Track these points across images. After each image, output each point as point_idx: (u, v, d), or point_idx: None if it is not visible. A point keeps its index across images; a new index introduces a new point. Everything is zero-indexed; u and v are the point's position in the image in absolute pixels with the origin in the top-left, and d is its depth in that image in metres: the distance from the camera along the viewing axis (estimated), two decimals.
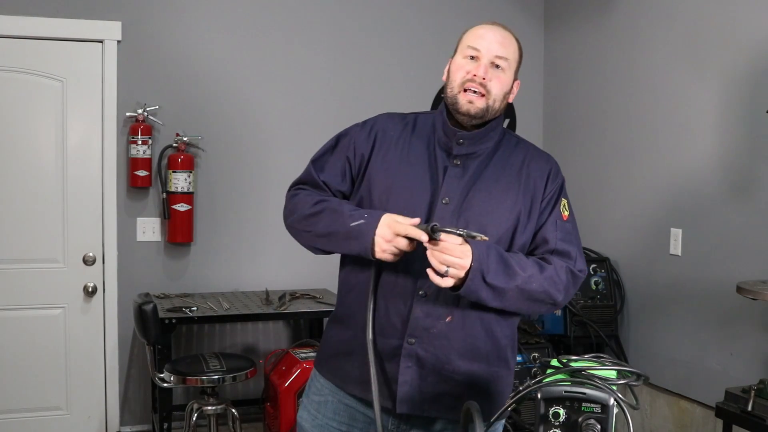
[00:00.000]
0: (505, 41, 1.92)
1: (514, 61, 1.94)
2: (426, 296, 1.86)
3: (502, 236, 1.89)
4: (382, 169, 1.94)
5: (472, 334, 1.89)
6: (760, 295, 2.95)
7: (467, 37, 1.94)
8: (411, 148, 1.95)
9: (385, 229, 1.79)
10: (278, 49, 4.49)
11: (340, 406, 1.97)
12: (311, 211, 1.92)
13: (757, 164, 3.41)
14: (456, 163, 1.92)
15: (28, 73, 4.06)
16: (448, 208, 1.88)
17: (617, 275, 4.28)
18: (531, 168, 1.96)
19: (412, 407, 1.90)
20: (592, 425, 1.34)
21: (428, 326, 1.87)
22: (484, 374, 1.92)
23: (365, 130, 2.01)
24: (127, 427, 4.36)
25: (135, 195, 4.29)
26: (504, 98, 1.93)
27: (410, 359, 1.87)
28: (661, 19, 3.97)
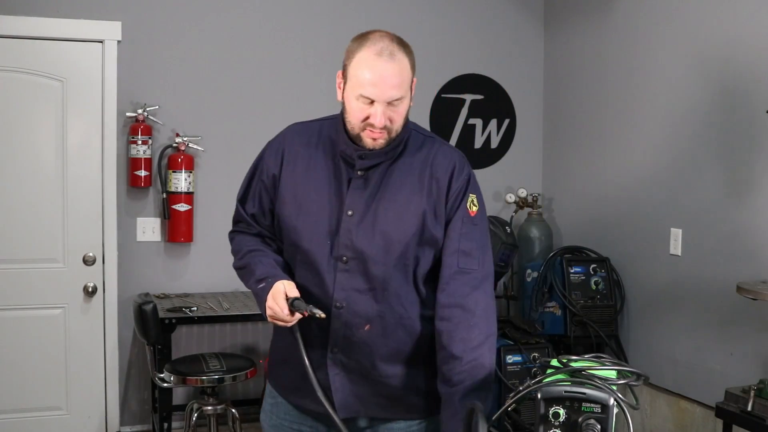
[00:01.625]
0: (398, 77, 1.82)
1: (409, 81, 1.86)
2: (342, 308, 1.89)
3: (409, 241, 1.89)
4: (290, 185, 1.97)
5: (395, 339, 1.92)
6: (760, 295, 2.95)
7: (359, 75, 1.82)
8: (316, 163, 1.96)
9: (270, 297, 1.86)
10: (278, 49, 4.49)
11: (289, 406, 2.04)
12: (237, 265, 2.05)
13: (756, 164, 3.41)
14: (359, 174, 1.91)
15: (28, 73, 4.06)
16: (353, 220, 1.89)
17: (617, 275, 4.28)
18: (434, 167, 1.93)
19: (350, 411, 1.94)
20: (592, 425, 1.34)
21: (348, 335, 1.90)
22: (413, 374, 1.95)
23: (273, 148, 2.05)
24: (127, 427, 4.36)
25: (135, 195, 4.29)
26: (405, 120, 1.90)
27: (336, 366, 1.93)
28: (661, 19, 3.97)
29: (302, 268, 1.94)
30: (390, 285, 1.89)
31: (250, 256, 2.00)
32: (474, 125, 4.91)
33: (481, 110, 4.92)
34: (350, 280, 1.89)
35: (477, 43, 4.88)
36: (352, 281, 1.89)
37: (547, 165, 5.00)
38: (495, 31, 4.91)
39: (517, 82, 4.96)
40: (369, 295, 1.89)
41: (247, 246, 2.03)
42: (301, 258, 1.94)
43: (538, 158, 5.03)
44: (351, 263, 1.88)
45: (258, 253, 2.00)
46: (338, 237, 1.89)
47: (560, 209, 4.86)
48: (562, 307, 4.20)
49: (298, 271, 1.94)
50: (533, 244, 4.62)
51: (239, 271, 2.05)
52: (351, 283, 1.89)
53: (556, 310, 4.24)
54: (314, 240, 1.91)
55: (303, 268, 1.93)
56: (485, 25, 4.89)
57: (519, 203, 4.76)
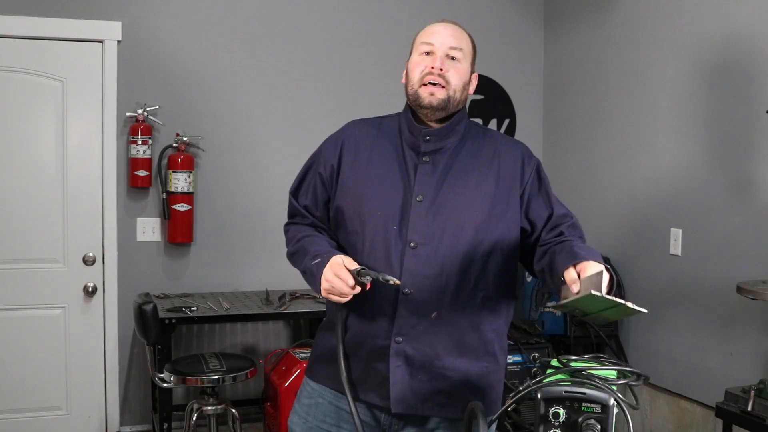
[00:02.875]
0: (457, 34, 1.98)
1: (468, 53, 2.00)
2: (410, 294, 1.88)
3: (480, 226, 1.90)
4: (352, 175, 1.97)
5: (459, 329, 1.91)
6: (760, 295, 2.95)
7: (421, 36, 2.00)
8: (379, 151, 1.98)
9: (327, 270, 1.84)
10: (278, 49, 4.49)
11: (330, 408, 2.00)
12: (291, 251, 2.05)
13: (757, 164, 3.41)
14: (425, 160, 1.94)
15: (28, 73, 4.06)
16: (422, 206, 1.90)
17: (617, 275, 4.28)
18: (502, 156, 1.98)
19: (407, 406, 1.91)
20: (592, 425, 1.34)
21: (414, 324, 1.88)
22: (473, 369, 1.93)
23: (332, 141, 2.06)
24: (127, 427, 4.36)
25: (135, 195, 4.29)
26: (464, 89, 1.97)
27: (399, 358, 1.89)
28: (661, 19, 3.97)
29: (366, 256, 1.91)
30: (458, 272, 1.88)
31: (303, 240, 2.00)
32: None
33: (481, 110, 4.92)
34: (419, 266, 1.87)
35: (477, 43, 4.85)
36: (420, 267, 1.87)
37: (547, 165, 4.97)
38: (495, 31, 4.91)
39: (517, 82, 4.96)
40: (437, 282, 1.88)
41: (301, 233, 2.04)
42: (366, 245, 1.92)
43: (538, 158, 5.02)
44: (420, 248, 1.87)
45: (311, 237, 2.01)
46: (407, 222, 1.89)
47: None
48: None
49: (362, 260, 1.90)
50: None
51: (292, 257, 2.04)
52: (420, 268, 1.87)
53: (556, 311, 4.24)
54: (380, 226, 1.90)
55: (367, 256, 1.91)
56: (485, 25, 4.89)
57: None
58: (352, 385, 1.90)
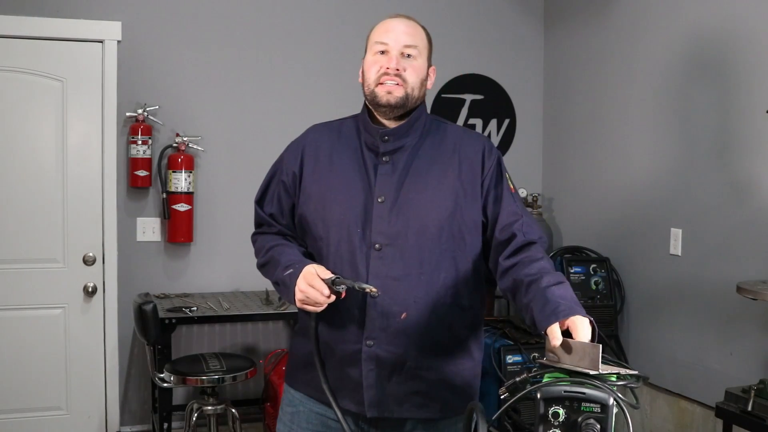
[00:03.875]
0: (412, 30, 1.96)
1: (424, 48, 1.97)
2: (378, 296, 1.86)
3: (444, 223, 1.88)
4: (314, 180, 1.97)
5: (430, 328, 1.89)
6: (760, 295, 2.95)
7: (374, 34, 1.98)
8: (339, 155, 1.97)
9: (301, 279, 1.83)
10: (278, 49, 4.49)
11: (311, 414, 1.99)
12: (261, 262, 2.04)
13: (757, 164, 3.41)
14: (385, 160, 1.92)
15: (28, 73, 4.06)
16: (384, 207, 1.89)
17: (617, 275, 4.28)
18: (463, 150, 1.96)
19: (381, 410, 1.90)
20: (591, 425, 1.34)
21: (384, 326, 1.87)
22: (449, 367, 1.92)
23: (292, 148, 2.07)
24: (127, 427, 4.36)
25: (135, 195, 4.29)
26: (422, 85, 1.96)
27: (371, 362, 1.88)
28: (661, 19, 3.97)
29: (332, 261, 1.90)
30: (425, 270, 1.87)
31: (273, 250, 1.99)
32: (474, 125, 4.91)
33: (481, 110, 4.92)
34: (385, 267, 1.86)
35: (477, 43, 4.88)
36: (386, 268, 1.86)
37: (547, 165, 5.00)
38: (495, 31, 4.91)
39: (517, 82, 4.96)
40: (404, 282, 1.87)
41: (269, 243, 2.03)
42: (331, 250, 1.91)
43: (538, 158, 5.03)
44: (385, 250, 1.86)
45: (281, 246, 2.00)
46: (370, 224, 1.88)
47: (560, 209, 4.86)
48: None
49: (327, 265, 1.90)
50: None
51: (263, 268, 2.03)
52: (386, 270, 1.86)
53: None
54: (344, 230, 1.90)
55: (333, 261, 1.90)
56: (485, 25, 4.89)
57: None
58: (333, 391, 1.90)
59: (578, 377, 1.43)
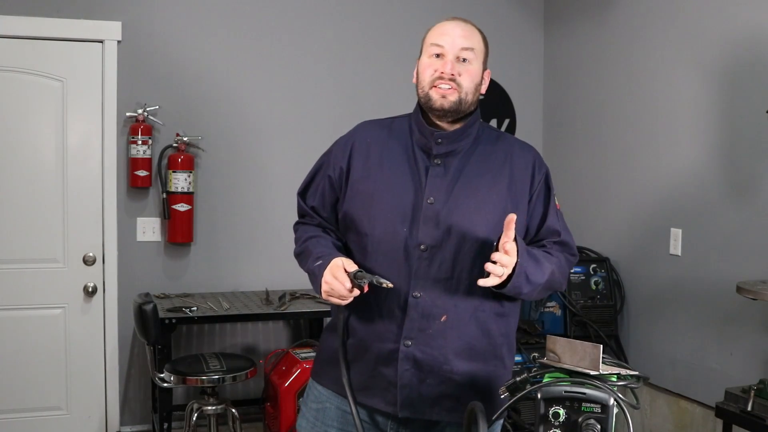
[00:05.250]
0: (468, 33, 1.95)
1: (480, 52, 1.97)
2: (420, 297, 1.86)
3: (491, 230, 1.88)
4: (363, 177, 1.96)
5: (468, 332, 1.90)
6: (760, 295, 2.95)
7: (431, 36, 1.97)
8: (390, 153, 1.97)
9: (327, 272, 1.84)
10: (278, 49, 4.49)
11: (338, 412, 1.98)
12: (297, 251, 2.05)
13: (757, 164, 3.41)
14: (437, 163, 1.92)
15: (28, 73, 4.05)
16: (433, 208, 1.89)
17: (617, 275, 4.28)
18: (514, 161, 1.97)
19: (414, 410, 1.90)
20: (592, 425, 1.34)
21: (424, 327, 1.87)
22: (482, 373, 1.93)
23: (342, 143, 2.05)
24: (127, 427, 4.36)
25: (135, 195, 4.29)
26: (476, 90, 1.96)
27: (408, 362, 1.88)
28: (661, 19, 3.97)
29: (375, 259, 1.90)
30: (468, 275, 1.87)
31: (309, 242, 2.00)
32: None
33: (481, 110, 4.90)
34: (429, 269, 1.86)
35: None
36: (430, 270, 1.87)
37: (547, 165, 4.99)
38: (495, 31, 4.90)
39: (517, 82, 4.96)
40: (447, 285, 1.87)
41: (307, 233, 2.04)
42: (374, 248, 1.91)
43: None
44: (430, 251, 1.86)
45: (317, 238, 2.01)
46: (417, 225, 1.88)
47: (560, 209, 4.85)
48: (562, 307, 4.20)
49: (370, 262, 1.90)
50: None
51: (298, 257, 2.04)
52: (429, 271, 1.87)
53: (556, 310, 4.24)
54: (390, 228, 1.89)
55: (376, 259, 1.90)
56: (485, 25, 4.82)
57: None
58: (352, 387, 1.90)
59: (578, 377, 1.43)
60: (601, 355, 1.48)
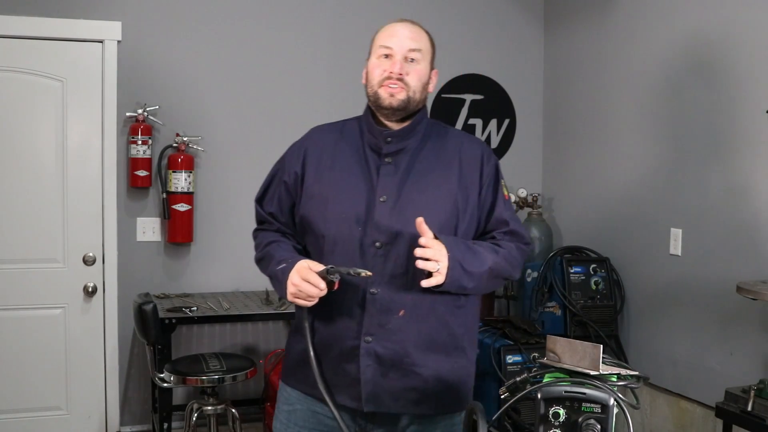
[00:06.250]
0: (416, 35, 2.01)
1: (427, 52, 2.03)
2: (377, 293, 1.91)
3: (444, 225, 1.94)
4: (317, 180, 2.01)
5: (427, 325, 1.95)
6: (760, 295, 2.95)
7: (379, 38, 2.03)
8: (342, 155, 2.02)
9: (294, 274, 1.88)
10: (278, 49, 4.49)
11: (308, 413, 2.03)
12: (258, 257, 2.10)
13: (757, 164, 3.41)
14: (387, 161, 1.98)
15: (28, 73, 4.06)
16: (386, 206, 1.93)
17: (617, 275, 4.28)
18: (463, 155, 2.02)
19: (378, 405, 1.94)
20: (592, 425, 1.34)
21: (383, 322, 1.92)
22: (444, 365, 1.97)
23: (295, 148, 2.11)
24: (127, 427, 4.36)
25: (135, 195, 4.29)
26: (423, 89, 2.02)
27: (369, 357, 1.92)
28: (660, 19, 3.97)
29: (332, 259, 1.94)
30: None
31: (269, 246, 2.05)
32: (474, 125, 4.91)
33: (481, 110, 4.92)
34: (384, 265, 1.91)
35: (477, 43, 4.88)
36: (386, 266, 1.91)
37: (547, 165, 5.00)
38: (495, 31, 4.91)
39: (517, 82, 4.96)
40: (403, 280, 1.92)
41: (267, 239, 2.09)
42: (331, 248, 1.95)
43: (538, 158, 5.03)
44: (385, 248, 1.91)
45: (277, 243, 2.06)
46: (371, 223, 1.92)
47: (560, 209, 4.86)
48: (562, 307, 4.20)
49: (327, 263, 1.93)
50: (533, 244, 4.62)
51: (260, 263, 2.09)
52: (385, 268, 1.91)
53: (556, 310, 4.24)
54: (345, 228, 1.94)
55: (333, 259, 1.93)
56: (485, 25, 4.89)
57: (519, 203, 4.76)
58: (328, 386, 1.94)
59: (578, 377, 1.43)
60: (601, 355, 1.48)
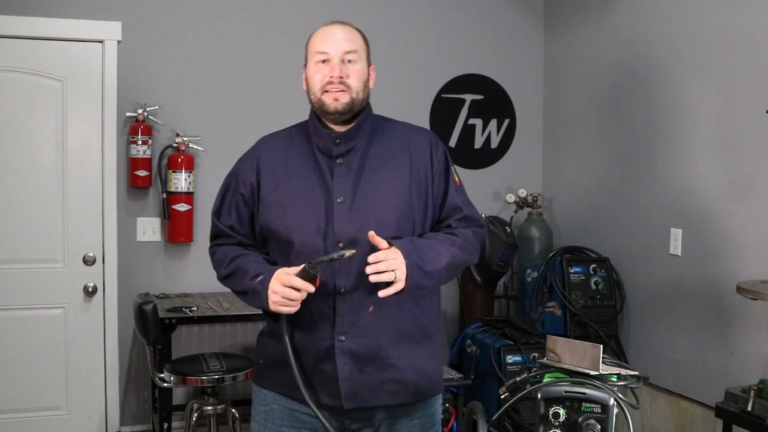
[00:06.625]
0: (349, 36, 2.04)
1: (363, 50, 2.05)
2: (345, 292, 1.94)
3: (401, 219, 1.98)
4: (272, 188, 2.03)
5: (396, 318, 1.98)
6: (760, 295, 2.95)
7: (314, 44, 2.05)
8: (294, 161, 2.04)
9: (274, 283, 1.89)
10: (278, 49, 4.49)
11: (285, 411, 2.05)
12: (225, 273, 2.08)
13: (757, 164, 3.41)
14: (339, 163, 2.00)
15: (28, 73, 4.06)
16: (344, 206, 1.96)
17: (617, 275, 4.28)
18: (411, 146, 2.06)
19: (358, 400, 1.97)
20: (592, 425, 1.34)
21: (354, 320, 1.95)
22: (416, 353, 2.02)
23: (247, 159, 2.13)
24: (127, 427, 4.36)
25: (135, 195, 4.29)
26: (365, 87, 2.04)
27: (345, 355, 1.95)
28: (661, 19, 3.97)
29: (299, 263, 1.94)
30: None
31: (237, 260, 2.05)
32: (474, 125, 4.91)
33: (481, 110, 4.92)
34: (350, 264, 1.93)
35: (477, 43, 4.88)
36: (351, 265, 1.93)
37: (547, 165, 5.00)
38: (495, 31, 4.91)
39: (517, 82, 4.96)
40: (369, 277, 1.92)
41: (231, 254, 2.08)
42: (296, 254, 1.97)
43: (538, 158, 5.03)
44: (349, 247, 1.92)
45: (245, 256, 2.06)
46: (332, 224, 1.95)
47: (560, 209, 4.86)
48: (562, 307, 4.20)
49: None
50: (533, 244, 4.62)
51: (227, 279, 2.09)
52: (351, 266, 1.93)
53: (556, 310, 4.24)
54: (307, 233, 1.96)
55: (299, 262, 1.94)
56: (485, 25, 4.89)
57: (519, 203, 4.76)
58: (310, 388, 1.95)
59: (578, 377, 1.43)
60: (601, 355, 1.48)
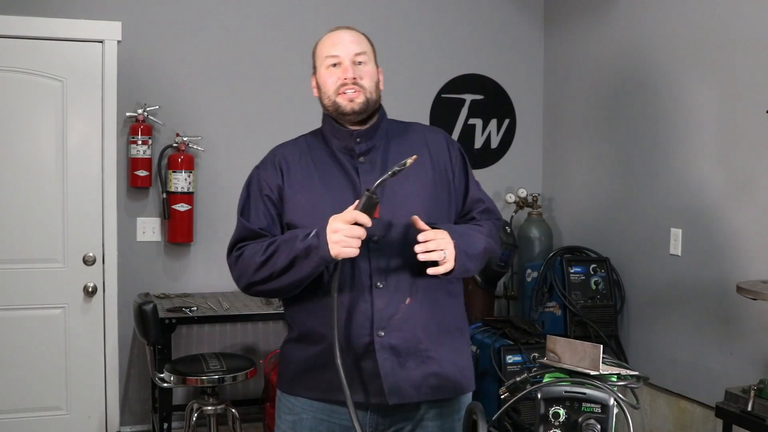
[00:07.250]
0: (357, 39, 2.07)
1: (371, 53, 2.09)
2: (382, 287, 1.94)
3: (429, 211, 1.99)
4: (297, 190, 2.02)
5: (430, 310, 1.99)
6: (760, 295, 2.95)
7: (323, 49, 2.10)
8: (316, 164, 2.04)
9: (334, 222, 1.82)
10: (278, 49, 4.49)
11: (314, 422, 2.01)
12: (266, 255, 1.92)
13: (757, 164, 3.41)
14: (362, 161, 2.02)
15: (28, 73, 4.06)
16: None
17: (617, 275, 4.28)
18: (429, 143, 2.09)
19: (402, 396, 1.95)
20: (592, 425, 1.34)
21: (391, 314, 1.94)
22: (452, 347, 2.03)
23: (267, 165, 2.11)
24: (127, 427, 4.36)
25: (135, 195, 4.29)
26: (377, 88, 2.07)
27: (385, 351, 1.93)
28: (661, 19, 3.97)
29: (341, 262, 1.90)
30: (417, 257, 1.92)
31: (277, 241, 1.94)
32: (474, 125, 4.91)
33: (481, 110, 4.92)
34: (384, 258, 1.94)
35: (477, 43, 4.88)
36: (386, 258, 1.94)
37: (547, 165, 5.00)
38: (495, 31, 4.91)
39: (517, 82, 4.96)
40: (405, 269, 1.95)
41: (265, 242, 1.97)
42: None
43: (538, 158, 5.03)
44: (382, 241, 1.94)
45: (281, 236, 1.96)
46: None
47: (560, 209, 4.86)
48: (562, 307, 4.20)
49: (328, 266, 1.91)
50: (533, 244, 4.62)
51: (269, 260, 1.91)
52: (386, 260, 1.94)
53: (556, 310, 4.24)
54: None
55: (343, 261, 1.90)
56: (485, 25, 4.89)
57: (519, 203, 4.76)
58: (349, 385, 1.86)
59: (578, 377, 1.43)
60: (601, 355, 1.48)
